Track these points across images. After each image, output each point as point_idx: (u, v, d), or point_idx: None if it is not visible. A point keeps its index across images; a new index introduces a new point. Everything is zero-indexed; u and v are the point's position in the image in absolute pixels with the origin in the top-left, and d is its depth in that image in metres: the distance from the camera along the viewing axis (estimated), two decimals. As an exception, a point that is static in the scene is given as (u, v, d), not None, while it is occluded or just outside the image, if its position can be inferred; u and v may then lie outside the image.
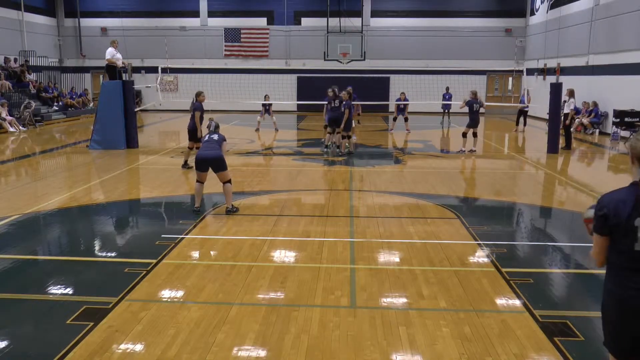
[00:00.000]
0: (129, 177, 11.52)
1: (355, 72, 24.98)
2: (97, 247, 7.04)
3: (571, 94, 15.94)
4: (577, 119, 20.20)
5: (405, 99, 20.20)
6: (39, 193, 9.77)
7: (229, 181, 8.25)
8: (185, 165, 12.18)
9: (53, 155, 14.73)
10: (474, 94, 14.96)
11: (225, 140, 8.47)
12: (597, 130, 19.84)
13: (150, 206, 9.36)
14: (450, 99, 23.27)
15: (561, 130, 15.37)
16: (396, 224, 7.85)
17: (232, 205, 8.35)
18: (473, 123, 14.73)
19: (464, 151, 14.81)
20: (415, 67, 26.84)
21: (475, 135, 14.87)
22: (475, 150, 14.93)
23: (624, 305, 2.81)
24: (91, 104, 27.41)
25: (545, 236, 7.74)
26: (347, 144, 14.69)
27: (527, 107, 20.66)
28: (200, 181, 8.34)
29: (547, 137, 15.31)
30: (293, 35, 30.11)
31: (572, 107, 15.79)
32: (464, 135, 14.87)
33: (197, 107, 11.84)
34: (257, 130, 19.69)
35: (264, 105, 19.73)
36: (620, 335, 2.87)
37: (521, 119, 20.94)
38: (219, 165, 8.15)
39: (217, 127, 8.60)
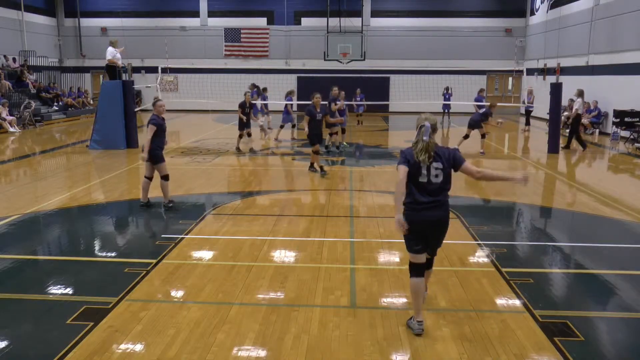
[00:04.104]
0: (129, 177, 11.52)
1: (355, 72, 24.98)
2: (97, 247, 7.04)
3: (580, 94, 15.53)
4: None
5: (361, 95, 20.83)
6: (39, 193, 9.77)
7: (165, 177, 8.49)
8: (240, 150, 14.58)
9: (53, 155, 14.73)
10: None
11: (149, 124, 8.41)
12: (597, 130, 19.85)
13: (151, 206, 9.35)
14: (449, 98, 23.27)
15: (562, 130, 15.35)
16: (396, 224, 7.84)
17: (170, 200, 8.58)
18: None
19: (484, 153, 14.80)
20: (415, 67, 26.85)
21: (483, 136, 14.92)
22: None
23: (413, 217, 4.40)
24: (90, 102, 27.41)
25: (545, 236, 7.73)
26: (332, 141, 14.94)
27: (532, 106, 20.70)
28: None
29: (547, 137, 15.32)
30: (293, 35, 30.11)
31: (577, 106, 15.45)
32: (483, 136, 14.89)
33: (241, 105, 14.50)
34: (262, 129, 19.75)
35: (264, 104, 19.72)
36: (412, 237, 4.45)
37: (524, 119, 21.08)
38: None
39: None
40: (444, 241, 4.61)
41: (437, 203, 4.40)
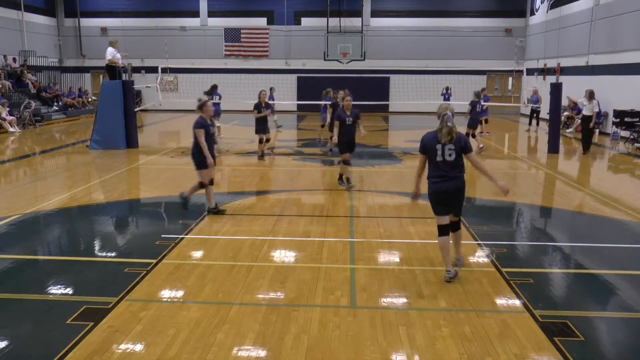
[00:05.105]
0: (129, 177, 11.52)
1: (355, 72, 24.98)
2: (97, 247, 7.04)
3: (591, 95, 14.56)
4: (577, 119, 20.23)
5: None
6: (39, 193, 9.77)
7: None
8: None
9: (53, 155, 14.74)
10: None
11: (194, 128, 8.04)
12: (597, 130, 19.83)
13: (150, 206, 9.36)
14: (449, 98, 23.27)
15: (562, 130, 15.28)
16: (396, 224, 7.85)
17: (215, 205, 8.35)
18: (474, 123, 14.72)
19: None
20: (415, 67, 26.85)
21: (474, 136, 14.83)
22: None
23: (433, 189, 5.63)
24: (90, 101, 27.41)
25: (545, 236, 7.73)
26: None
27: (539, 106, 20.73)
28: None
29: (547, 137, 15.30)
30: (293, 35, 30.11)
31: (596, 109, 14.65)
32: (474, 136, 14.81)
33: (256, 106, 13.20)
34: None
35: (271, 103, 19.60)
36: (435, 204, 5.68)
37: (532, 119, 21.18)
38: None
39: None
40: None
41: (451, 176, 5.53)
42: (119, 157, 13.81)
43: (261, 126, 13.25)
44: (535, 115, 21.15)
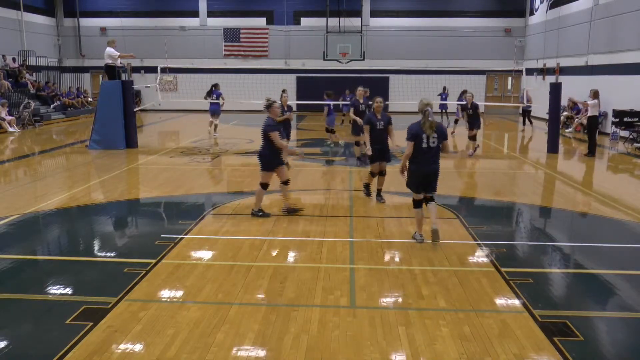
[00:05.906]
0: (128, 177, 11.52)
1: (355, 72, 24.96)
2: (97, 247, 7.04)
3: (595, 95, 14.10)
4: (576, 119, 20.25)
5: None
6: (39, 193, 9.77)
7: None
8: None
9: (52, 155, 14.73)
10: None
11: (269, 131, 7.81)
12: (597, 130, 19.81)
13: (150, 206, 9.35)
14: (446, 98, 23.27)
15: (562, 130, 15.22)
16: (396, 224, 7.85)
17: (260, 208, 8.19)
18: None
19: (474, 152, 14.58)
20: (414, 67, 26.85)
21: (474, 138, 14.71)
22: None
23: (418, 170, 6.72)
24: (89, 101, 27.40)
25: (545, 236, 7.74)
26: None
27: (530, 106, 20.69)
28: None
29: (546, 137, 15.29)
30: (293, 35, 30.10)
31: (591, 107, 14.22)
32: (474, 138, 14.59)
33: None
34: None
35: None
36: (417, 183, 6.79)
37: (525, 119, 21.15)
38: None
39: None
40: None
41: (433, 160, 6.64)
42: (119, 157, 13.81)
43: (283, 130, 12.77)
44: (526, 115, 21.22)
